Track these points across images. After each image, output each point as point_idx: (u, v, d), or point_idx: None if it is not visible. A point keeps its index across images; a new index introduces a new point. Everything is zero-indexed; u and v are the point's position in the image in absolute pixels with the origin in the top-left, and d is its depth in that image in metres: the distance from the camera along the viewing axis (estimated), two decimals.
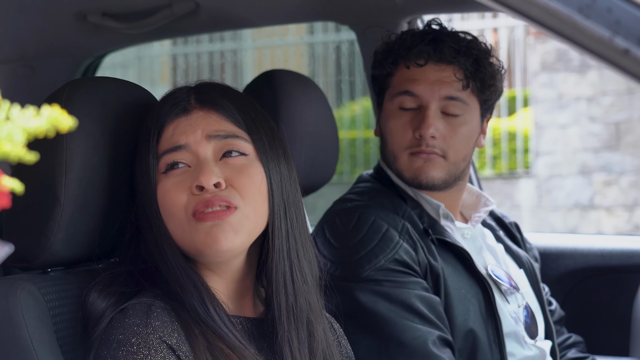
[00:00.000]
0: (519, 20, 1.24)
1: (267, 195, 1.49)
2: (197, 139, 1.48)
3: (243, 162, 1.49)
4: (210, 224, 1.43)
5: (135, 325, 1.37)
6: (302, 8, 2.49)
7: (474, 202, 2.21)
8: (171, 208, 1.45)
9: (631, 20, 1.17)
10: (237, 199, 1.45)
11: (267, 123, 1.56)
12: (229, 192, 1.45)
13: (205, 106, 1.51)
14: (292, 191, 1.54)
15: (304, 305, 1.51)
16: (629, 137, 7.53)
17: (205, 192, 1.44)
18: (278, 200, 1.50)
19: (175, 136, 1.48)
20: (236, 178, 1.46)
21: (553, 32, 1.21)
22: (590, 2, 1.17)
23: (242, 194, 1.46)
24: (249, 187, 1.47)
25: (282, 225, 1.50)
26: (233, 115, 1.51)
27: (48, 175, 1.46)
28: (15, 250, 1.49)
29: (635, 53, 1.15)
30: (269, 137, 1.53)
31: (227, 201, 1.44)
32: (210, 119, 1.50)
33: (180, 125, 1.49)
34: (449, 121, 2.04)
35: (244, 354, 1.42)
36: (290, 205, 1.52)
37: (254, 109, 1.56)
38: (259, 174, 1.49)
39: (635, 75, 1.17)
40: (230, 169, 1.47)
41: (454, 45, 2.05)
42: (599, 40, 1.17)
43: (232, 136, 1.49)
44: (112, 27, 2.42)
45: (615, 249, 2.59)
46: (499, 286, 2.07)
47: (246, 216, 1.45)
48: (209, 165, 1.45)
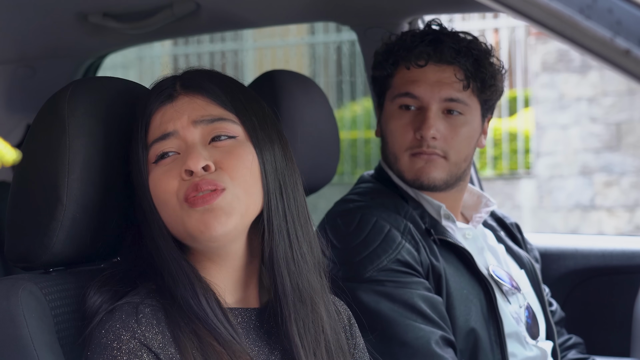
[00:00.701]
0: (520, 21, 1.24)
1: (260, 176, 1.47)
2: (184, 124, 1.46)
3: (232, 144, 1.47)
4: (202, 209, 1.41)
5: (117, 329, 1.37)
6: (303, 8, 2.49)
7: (475, 203, 2.21)
8: (163, 195, 1.44)
9: (632, 21, 1.17)
10: (226, 180, 1.43)
11: (257, 104, 1.54)
12: (218, 174, 1.43)
13: (190, 91, 1.49)
14: (289, 171, 1.52)
15: (306, 285, 1.49)
16: (630, 138, 7.53)
17: (195, 176, 1.42)
18: (272, 181, 1.48)
19: (162, 124, 1.47)
20: (225, 160, 1.45)
21: (554, 33, 1.21)
22: (591, 2, 1.17)
23: (232, 174, 1.44)
24: (238, 168, 1.45)
25: (279, 205, 1.48)
26: (219, 98, 1.49)
27: (50, 176, 1.46)
28: (17, 250, 1.50)
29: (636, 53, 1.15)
30: (260, 117, 1.51)
31: (213, 184, 1.42)
32: (196, 104, 1.48)
33: (166, 113, 1.48)
34: (449, 122, 2.04)
35: (234, 349, 1.40)
36: (286, 185, 1.50)
37: (243, 90, 1.54)
38: (249, 155, 1.46)
39: (636, 75, 1.17)
40: (219, 152, 1.45)
41: (454, 46, 2.05)
42: (600, 41, 1.17)
43: (219, 119, 1.47)
44: (113, 27, 2.42)
45: (616, 249, 2.59)
46: (500, 287, 2.07)
47: (236, 197, 1.43)
48: (196, 149, 1.44)
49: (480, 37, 2.13)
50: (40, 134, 1.50)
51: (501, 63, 2.13)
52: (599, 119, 7.64)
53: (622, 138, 7.57)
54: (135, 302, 1.40)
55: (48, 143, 1.48)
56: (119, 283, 1.45)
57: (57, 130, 1.47)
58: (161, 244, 1.45)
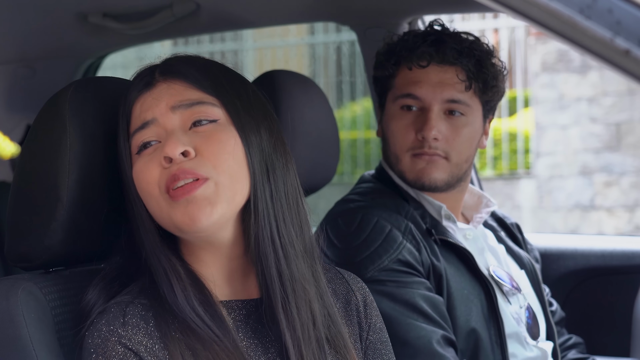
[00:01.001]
0: (520, 21, 1.24)
1: (246, 160, 1.42)
2: (162, 111, 1.42)
3: (213, 128, 1.42)
4: (184, 201, 1.37)
5: (104, 334, 1.35)
6: (303, 9, 2.49)
7: (476, 203, 2.21)
8: (146, 186, 1.41)
9: (632, 21, 1.17)
10: (208, 168, 1.39)
11: (241, 86, 1.49)
12: (198, 161, 1.39)
13: (168, 77, 1.45)
14: (277, 154, 1.46)
15: (294, 272, 1.43)
16: (630, 138, 7.53)
17: (174, 163, 1.38)
18: (258, 164, 1.43)
19: (142, 113, 1.44)
20: (205, 145, 1.40)
21: (554, 33, 1.21)
22: (591, 2, 1.17)
23: (214, 161, 1.39)
24: (220, 154, 1.40)
25: (265, 189, 1.43)
26: (198, 82, 1.45)
27: (51, 176, 1.46)
28: (17, 250, 1.50)
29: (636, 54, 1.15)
30: (243, 100, 1.47)
31: (192, 173, 1.37)
32: (174, 90, 1.44)
33: (145, 101, 1.45)
34: (451, 122, 2.04)
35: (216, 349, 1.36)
36: (274, 168, 1.45)
37: (225, 73, 1.50)
38: (231, 139, 1.42)
39: (636, 75, 1.17)
40: (199, 137, 1.41)
41: (456, 46, 2.05)
42: (600, 41, 1.17)
43: (198, 103, 1.43)
44: (112, 27, 2.42)
45: (616, 249, 2.59)
46: (500, 287, 2.07)
47: (221, 185, 1.39)
48: (175, 135, 1.40)
49: (481, 37, 2.13)
50: (41, 134, 1.50)
51: (503, 64, 2.13)
52: (598, 119, 7.64)
53: (622, 138, 7.57)
54: (125, 302, 1.39)
55: (48, 143, 1.48)
56: (114, 281, 1.44)
57: (57, 130, 1.47)
58: (145, 238, 1.43)
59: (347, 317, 1.56)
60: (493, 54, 2.10)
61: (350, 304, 1.57)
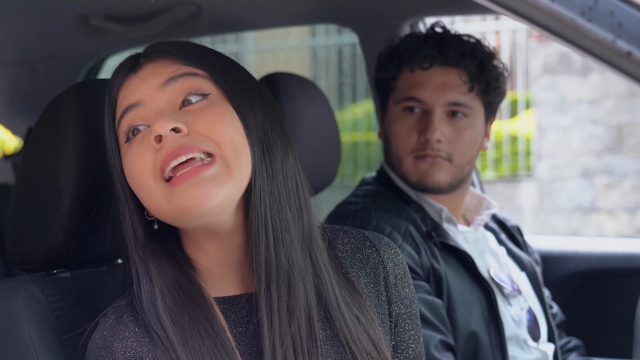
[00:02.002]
0: (521, 23, 1.25)
1: (244, 132, 1.32)
2: (150, 91, 1.33)
3: (205, 103, 1.32)
4: (187, 184, 1.27)
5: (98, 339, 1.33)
6: (304, 11, 2.49)
7: (476, 205, 2.21)
8: (139, 176, 1.30)
9: (633, 23, 1.17)
10: (209, 143, 1.29)
11: (230, 63, 1.40)
12: (192, 136, 1.28)
13: (154, 58, 1.36)
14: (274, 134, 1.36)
15: (283, 261, 1.32)
16: (631, 140, 7.53)
17: (166, 142, 1.28)
18: (256, 142, 1.33)
19: (126, 97, 1.34)
20: (200, 120, 1.30)
21: (555, 35, 1.21)
22: (592, 5, 1.17)
23: (214, 135, 1.29)
24: (218, 126, 1.30)
25: (263, 170, 1.32)
26: (187, 57, 1.36)
27: (52, 178, 1.46)
28: (19, 251, 1.50)
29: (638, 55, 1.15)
30: (234, 76, 1.37)
31: (195, 147, 1.27)
32: (161, 67, 1.35)
33: (130, 84, 1.35)
34: (454, 124, 2.04)
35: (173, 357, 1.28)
36: (271, 148, 1.34)
37: (213, 51, 1.41)
38: (227, 111, 1.32)
39: (638, 78, 1.18)
40: (191, 115, 1.31)
41: (458, 48, 2.05)
42: (602, 43, 1.17)
43: (189, 74, 1.34)
44: (114, 30, 2.43)
45: (617, 252, 2.59)
46: (501, 289, 2.07)
47: (228, 161, 1.29)
48: (164, 112, 1.30)
49: (482, 40, 2.14)
50: (43, 136, 1.50)
51: (504, 66, 2.13)
52: (600, 121, 7.64)
53: (623, 140, 7.57)
54: (122, 306, 1.35)
55: (50, 145, 1.48)
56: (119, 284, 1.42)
57: (59, 132, 1.47)
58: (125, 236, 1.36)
59: (375, 294, 1.42)
60: (495, 56, 2.10)
61: (379, 278, 1.43)
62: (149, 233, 1.37)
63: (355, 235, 1.47)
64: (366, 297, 1.41)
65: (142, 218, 1.36)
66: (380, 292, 1.43)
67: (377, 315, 1.41)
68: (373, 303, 1.42)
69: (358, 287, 1.41)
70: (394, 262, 1.45)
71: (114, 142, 1.36)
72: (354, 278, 1.42)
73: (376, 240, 1.46)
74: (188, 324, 1.30)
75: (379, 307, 1.42)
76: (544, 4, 1.18)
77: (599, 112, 7.64)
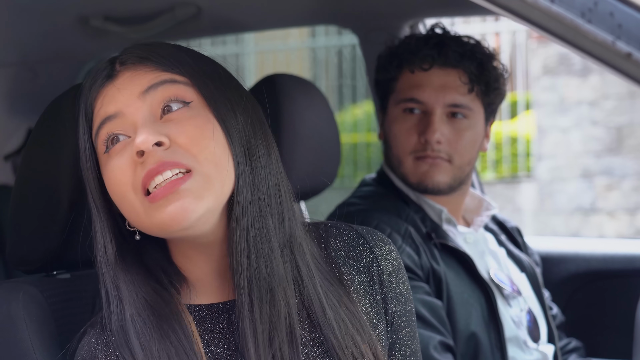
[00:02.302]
0: (521, 25, 1.25)
1: (227, 145, 1.28)
2: (128, 101, 1.28)
3: (187, 113, 1.28)
4: (164, 201, 1.24)
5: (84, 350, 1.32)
6: (304, 12, 2.49)
7: (476, 206, 2.21)
8: (118, 188, 1.27)
9: (633, 24, 1.17)
10: (188, 158, 1.25)
11: (210, 66, 1.36)
12: (175, 151, 1.25)
13: (130, 65, 1.31)
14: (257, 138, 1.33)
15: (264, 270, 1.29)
16: (631, 141, 7.53)
17: (148, 157, 1.24)
18: (238, 149, 1.29)
19: (104, 107, 1.30)
20: (181, 133, 1.26)
21: (555, 36, 1.21)
22: (592, 6, 1.17)
23: (193, 149, 1.25)
24: (199, 140, 1.26)
25: (246, 177, 1.30)
26: (165, 64, 1.31)
27: (52, 179, 1.46)
28: (19, 253, 1.50)
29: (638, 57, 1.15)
30: (215, 79, 1.33)
31: (173, 164, 1.24)
32: (139, 75, 1.30)
33: (107, 94, 1.31)
34: (454, 125, 2.05)
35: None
36: (253, 153, 1.31)
37: (192, 53, 1.36)
38: (209, 122, 1.28)
39: (638, 79, 1.18)
40: (173, 125, 1.27)
41: (458, 49, 2.05)
42: (601, 44, 1.17)
43: (169, 81, 1.29)
44: (114, 30, 2.43)
45: (617, 253, 2.59)
46: (501, 290, 2.07)
47: (207, 176, 1.26)
48: (145, 125, 1.26)
49: (482, 41, 2.14)
50: (42, 137, 1.50)
51: (504, 67, 2.14)
52: (599, 122, 7.64)
53: (623, 141, 7.57)
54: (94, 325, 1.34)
55: (50, 147, 1.48)
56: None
57: (59, 133, 1.47)
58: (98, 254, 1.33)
59: (370, 292, 1.40)
60: (495, 57, 2.11)
61: (373, 275, 1.41)
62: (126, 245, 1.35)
63: (349, 232, 1.44)
64: (361, 296, 1.40)
65: (114, 233, 1.34)
66: (375, 290, 1.41)
67: (373, 314, 1.40)
68: (368, 302, 1.40)
69: (352, 286, 1.40)
70: (388, 259, 1.43)
71: (90, 152, 1.33)
72: (347, 277, 1.40)
73: (369, 237, 1.43)
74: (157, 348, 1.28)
75: (374, 305, 1.40)
76: (543, 5, 1.18)
77: (599, 113, 7.64)
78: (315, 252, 1.39)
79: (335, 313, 1.34)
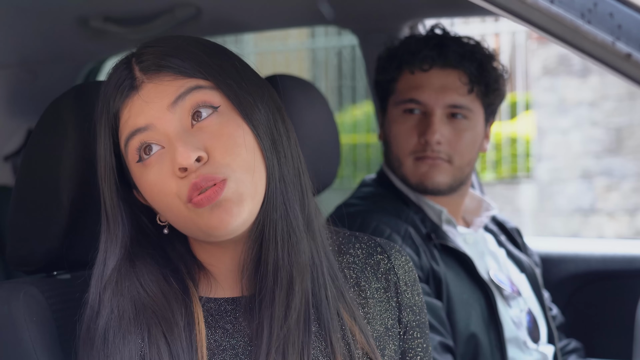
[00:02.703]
0: (521, 25, 1.25)
1: (257, 145, 1.32)
2: (158, 114, 1.30)
3: (217, 120, 1.31)
4: (209, 207, 1.28)
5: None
6: (304, 12, 2.49)
7: (476, 207, 2.21)
8: (164, 199, 1.31)
9: (633, 25, 1.17)
10: (223, 168, 1.29)
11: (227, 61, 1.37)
12: (212, 164, 1.28)
13: (152, 74, 1.32)
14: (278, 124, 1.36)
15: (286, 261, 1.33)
16: (631, 142, 7.53)
17: (190, 172, 1.28)
18: (265, 141, 1.33)
19: (132, 118, 1.32)
20: (215, 144, 1.29)
21: (555, 37, 1.21)
22: (592, 6, 1.17)
23: (227, 160, 1.29)
24: (232, 149, 1.29)
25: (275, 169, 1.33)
26: (186, 70, 1.32)
27: (52, 180, 1.46)
28: (19, 253, 1.50)
29: (637, 57, 1.15)
30: (235, 76, 1.35)
31: (212, 178, 1.27)
32: (163, 86, 1.31)
33: (133, 105, 1.32)
34: (454, 126, 2.05)
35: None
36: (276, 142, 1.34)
37: (209, 51, 1.36)
38: (239, 129, 1.31)
39: (637, 80, 1.18)
40: (207, 135, 1.30)
41: (458, 50, 2.05)
42: (601, 45, 1.17)
43: (195, 88, 1.31)
44: (114, 31, 2.43)
45: (617, 254, 2.59)
46: (501, 291, 2.07)
47: (241, 182, 1.29)
48: (181, 140, 1.28)
49: (482, 41, 2.14)
50: (42, 138, 1.50)
51: (504, 67, 2.14)
52: (599, 123, 7.64)
53: (622, 142, 7.57)
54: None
55: (50, 147, 1.48)
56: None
57: (58, 134, 1.47)
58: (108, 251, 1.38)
59: (386, 299, 1.43)
60: (494, 58, 2.11)
61: (390, 283, 1.44)
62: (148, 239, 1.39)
63: (367, 241, 1.48)
64: (376, 301, 1.43)
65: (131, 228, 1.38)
66: (390, 297, 1.44)
67: (388, 320, 1.43)
68: (384, 308, 1.43)
69: (368, 291, 1.43)
70: (405, 269, 1.46)
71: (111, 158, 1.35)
72: (364, 282, 1.43)
73: (387, 247, 1.47)
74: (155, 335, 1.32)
75: (389, 312, 1.43)
76: (543, 5, 1.18)
77: (599, 113, 7.64)
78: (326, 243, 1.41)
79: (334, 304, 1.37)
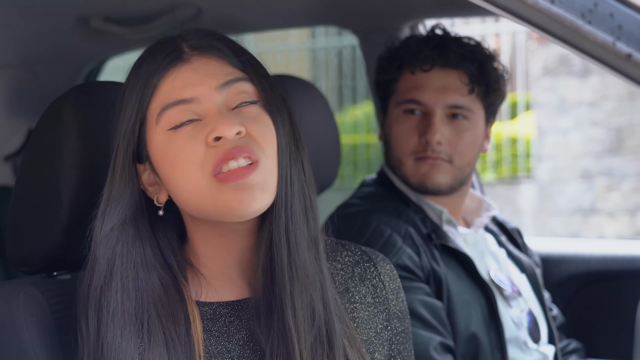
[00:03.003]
0: (521, 26, 1.25)
1: (276, 143, 1.34)
2: (206, 91, 1.32)
3: (256, 110, 1.34)
4: (235, 185, 1.28)
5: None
6: (304, 12, 2.49)
7: (476, 207, 2.21)
8: (185, 165, 1.29)
9: (633, 25, 1.17)
10: (258, 150, 1.30)
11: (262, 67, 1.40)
12: (249, 141, 1.30)
13: (204, 52, 1.34)
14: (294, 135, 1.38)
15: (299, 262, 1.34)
16: (631, 142, 7.53)
17: (224, 142, 1.29)
18: (284, 147, 1.35)
19: (177, 89, 1.32)
20: (254, 127, 1.31)
21: (555, 38, 1.21)
22: (592, 7, 1.17)
23: (262, 144, 1.31)
24: (266, 137, 1.32)
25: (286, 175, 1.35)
26: (232, 59, 1.36)
27: (52, 180, 1.46)
28: (19, 253, 1.50)
29: (638, 58, 1.15)
30: (268, 78, 1.39)
31: (249, 151, 1.29)
32: (212, 67, 1.34)
33: (183, 76, 1.33)
34: (454, 126, 2.05)
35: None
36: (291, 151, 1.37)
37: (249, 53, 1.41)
38: (270, 123, 1.34)
39: (638, 80, 1.18)
40: (246, 118, 1.32)
41: (458, 50, 2.05)
42: (602, 46, 1.17)
43: (241, 79, 1.34)
44: (114, 31, 2.43)
45: (617, 254, 2.59)
46: (501, 291, 2.07)
47: (270, 171, 1.31)
48: (223, 115, 1.30)
49: (482, 42, 2.14)
50: (43, 138, 1.50)
51: (504, 67, 2.14)
52: (599, 123, 7.64)
53: (623, 142, 7.57)
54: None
55: (50, 147, 1.48)
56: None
57: (59, 134, 1.47)
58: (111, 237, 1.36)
59: (373, 304, 1.45)
60: (495, 58, 2.11)
61: (377, 289, 1.46)
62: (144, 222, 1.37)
63: (354, 249, 1.50)
64: (365, 306, 1.44)
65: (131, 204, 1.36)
66: (378, 302, 1.46)
67: (377, 323, 1.45)
68: (372, 313, 1.45)
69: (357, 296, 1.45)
70: (390, 277, 1.48)
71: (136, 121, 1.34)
72: (353, 288, 1.45)
73: (373, 255, 1.49)
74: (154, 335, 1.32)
75: (378, 317, 1.45)
76: (543, 6, 1.18)
77: (599, 114, 7.64)
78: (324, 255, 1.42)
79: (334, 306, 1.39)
